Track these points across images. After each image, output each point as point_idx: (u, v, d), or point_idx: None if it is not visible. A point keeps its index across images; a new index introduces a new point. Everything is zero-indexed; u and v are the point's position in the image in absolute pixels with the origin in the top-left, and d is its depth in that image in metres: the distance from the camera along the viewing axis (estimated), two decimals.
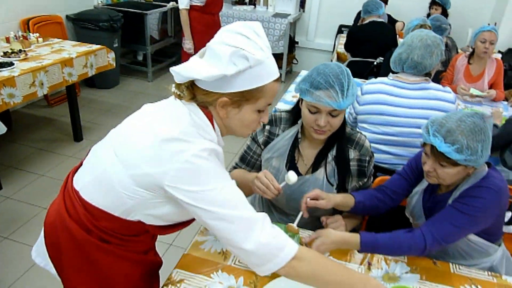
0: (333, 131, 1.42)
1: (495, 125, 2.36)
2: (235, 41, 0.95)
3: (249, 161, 1.61)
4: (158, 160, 0.97)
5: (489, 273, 1.35)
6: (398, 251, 1.31)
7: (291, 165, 1.51)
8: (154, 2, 5.32)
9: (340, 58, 4.25)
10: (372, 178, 1.60)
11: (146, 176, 0.98)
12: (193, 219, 1.14)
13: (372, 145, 2.01)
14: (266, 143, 1.56)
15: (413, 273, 1.32)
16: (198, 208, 0.98)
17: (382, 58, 3.47)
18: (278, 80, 1.03)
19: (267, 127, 1.56)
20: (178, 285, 1.20)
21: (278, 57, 5.36)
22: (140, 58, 5.37)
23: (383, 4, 3.81)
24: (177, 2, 4.53)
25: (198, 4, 3.67)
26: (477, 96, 2.90)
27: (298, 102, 1.50)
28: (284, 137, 1.52)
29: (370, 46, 3.67)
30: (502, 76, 3.03)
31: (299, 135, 1.52)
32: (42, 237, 1.19)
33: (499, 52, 4.48)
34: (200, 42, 3.67)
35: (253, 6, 5.55)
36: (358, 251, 1.31)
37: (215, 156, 1.02)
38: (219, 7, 3.91)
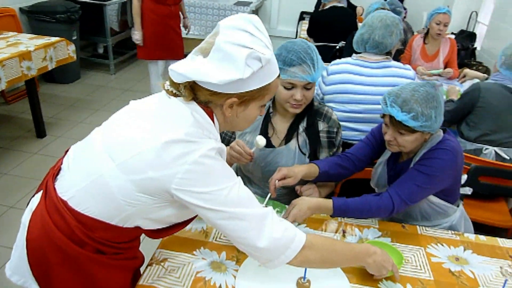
0: (307, 104, 1.50)
1: (451, 100, 2.51)
2: (244, 39, 0.92)
3: (224, 140, 1.66)
4: (164, 164, 0.92)
5: (452, 232, 1.46)
6: (368, 213, 1.40)
7: (265, 138, 1.57)
8: None
9: None
10: (341, 148, 1.69)
11: (151, 180, 0.93)
12: (191, 220, 1.12)
13: (340, 122, 2.10)
14: None
15: (384, 237, 1.41)
16: (208, 209, 0.95)
17: (344, 42, 3.57)
18: (278, 75, 1.04)
19: None
20: (162, 263, 1.22)
21: None
22: (100, 50, 5.23)
23: None
24: None
25: None
26: (434, 75, 3.06)
27: None
28: None
29: (332, 30, 3.75)
30: (456, 55, 3.20)
31: (271, 110, 1.58)
32: (19, 254, 1.05)
33: (452, 33, 4.71)
34: (154, 33, 3.57)
35: None
36: (331, 216, 1.39)
37: (220, 155, 1.00)
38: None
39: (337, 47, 3.78)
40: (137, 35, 3.61)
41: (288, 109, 1.50)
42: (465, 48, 4.19)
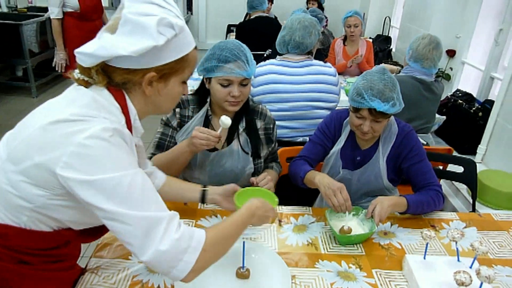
0: (244, 101, 1.54)
1: None
2: (152, 10, 0.88)
3: (167, 147, 1.58)
4: (47, 146, 0.83)
5: None
6: (434, 206, 1.52)
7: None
8: (29, 13, 4.93)
9: None
10: (277, 143, 1.75)
11: (37, 168, 0.84)
12: None
13: None
14: (180, 125, 1.60)
15: (319, 222, 1.47)
16: (91, 205, 0.83)
17: (271, 50, 3.70)
18: (196, 47, 1.00)
19: (177, 109, 1.60)
20: (96, 271, 1.17)
21: None
22: (19, 73, 4.92)
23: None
24: None
25: (73, 11, 3.50)
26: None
27: (202, 84, 1.58)
28: (196, 118, 1.58)
29: (258, 39, 3.86)
30: (373, 55, 3.46)
31: (209, 113, 1.59)
32: None
33: (370, 38, 5.07)
34: (77, 46, 3.48)
35: None
36: (404, 212, 1.47)
37: (120, 138, 0.88)
38: (98, 13, 3.75)
39: (265, 54, 3.90)
40: (61, 55, 3.49)
41: (227, 108, 1.51)
42: (382, 50, 4.53)
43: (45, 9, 4.87)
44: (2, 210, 0.90)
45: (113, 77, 0.91)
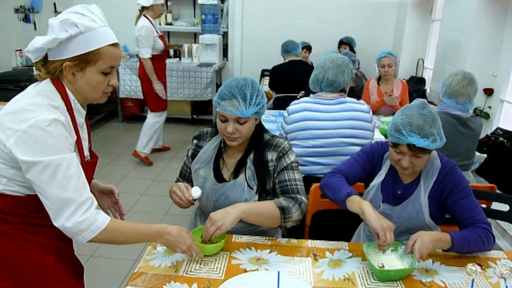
0: (245, 138, 1.55)
1: None
2: (70, 16, 1.14)
3: (184, 175, 1.73)
4: (3, 129, 1.11)
5: None
6: (482, 246, 1.42)
7: (216, 172, 1.60)
8: None
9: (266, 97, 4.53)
10: (298, 173, 1.60)
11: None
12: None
13: (304, 158, 2.17)
14: (194, 156, 1.67)
15: (355, 257, 1.42)
16: (30, 178, 1.11)
17: (304, 92, 3.77)
18: (115, 45, 1.21)
19: (195, 141, 1.70)
20: None
21: (208, 103, 5.55)
22: None
23: (300, 44, 4.21)
24: None
25: (158, 53, 4.02)
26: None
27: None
28: (209, 148, 1.63)
29: (291, 81, 3.97)
30: (408, 95, 3.45)
31: (222, 145, 1.64)
32: None
33: (404, 79, 5.07)
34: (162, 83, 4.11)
35: (178, 59, 5.76)
36: (448, 250, 1.39)
37: (59, 125, 1.12)
38: (167, 55, 4.49)
39: (298, 96, 3.97)
40: (159, 85, 3.99)
41: (227, 142, 1.56)
42: (416, 91, 4.50)
43: None
44: None
45: (50, 69, 1.18)
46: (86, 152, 1.29)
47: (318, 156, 2.16)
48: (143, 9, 3.88)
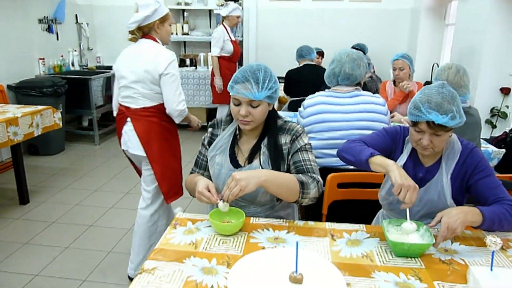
0: (258, 122, 1.57)
1: None
2: (150, 1, 2.24)
3: (200, 164, 1.74)
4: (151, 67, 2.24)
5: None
6: (511, 222, 1.38)
7: (232, 158, 1.63)
8: (97, 70, 5.47)
9: (280, 102, 4.57)
10: (312, 155, 1.61)
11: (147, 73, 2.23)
12: None
13: (320, 150, 2.19)
14: (210, 143, 1.70)
15: (373, 237, 1.43)
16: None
17: None
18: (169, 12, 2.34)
19: (210, 129, 1.73)
20: (152, 272, 1.20)
21: None
22: (85, 123, 5.37)
23: (314, 49, 4.27)
24: None
25: (225, 55, 4.79)
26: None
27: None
28: (224, 136, 1.67)
29: (305, 85, 3.99)
30: None
31: (237, 132, 1.67)
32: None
33: None
34: (225, 82, 4.72)
35: (194, 67, 5.87)
36: (478, 227, 1.36)
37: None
38: (238, 58, 5.03)
39: None
40: (219, 81, 4.75)
41: (240, 126, 1.58)
42: None
43: (111, 68, 5.42)
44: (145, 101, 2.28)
45: (144, 30, 2.28)
46: None
47: (334, 148, 2.16)
48: (223, 18, 4.80)
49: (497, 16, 3.42)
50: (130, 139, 2.32)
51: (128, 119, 2.30)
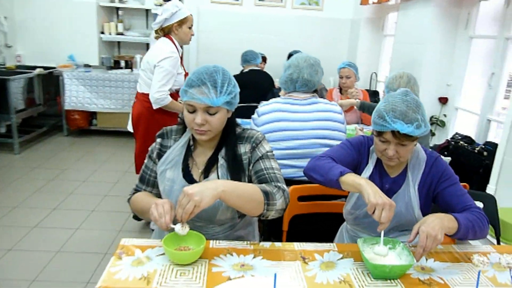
0: (216, 132, 1.39)
1: None
2: (170, 6, 2.65)
3: (148, 180, 1.51)
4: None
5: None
6: (483, 228, 1.34)
7: (185, 173, 1.43)
8: (17, 70, 4.89)
9: None
10: (275, 162, 1.48)
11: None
12: None
13: (278, 161, 2.05)
14: (159, 156, 1.47)
15: (346, 258, 1.31)
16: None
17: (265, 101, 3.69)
18: (191, 15, 2.71)
19: (159, 140, 1.49)
20: None
21: None
22: (3, 129, 4.74)
23: (259, 54, 4.16)
24: (44, 69, 4.97)
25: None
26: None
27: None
28: (176, 147, 1.46)
29: (251, 91, 3.87)
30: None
31: (191, 143, 1.47)
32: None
33: None
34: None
35: (130, 69, 5.49)
36: (453, 236, 1.29)
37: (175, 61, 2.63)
38: None
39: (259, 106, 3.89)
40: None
41: (195, 136, 1.39)
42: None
43: (33, 68, 4.88)
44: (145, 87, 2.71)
45: (165, 30, 2.71)
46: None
47: (292, 159, 2.05)
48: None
49: (436, 28, 3.57)
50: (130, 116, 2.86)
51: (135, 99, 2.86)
